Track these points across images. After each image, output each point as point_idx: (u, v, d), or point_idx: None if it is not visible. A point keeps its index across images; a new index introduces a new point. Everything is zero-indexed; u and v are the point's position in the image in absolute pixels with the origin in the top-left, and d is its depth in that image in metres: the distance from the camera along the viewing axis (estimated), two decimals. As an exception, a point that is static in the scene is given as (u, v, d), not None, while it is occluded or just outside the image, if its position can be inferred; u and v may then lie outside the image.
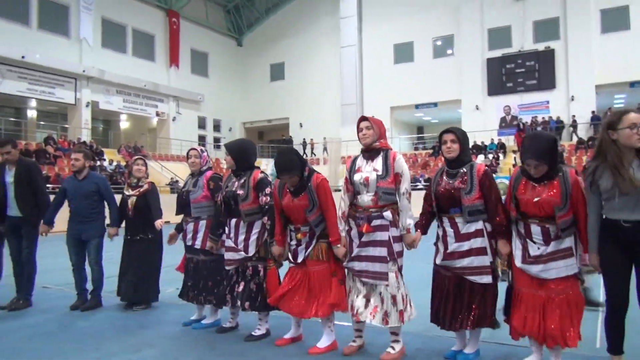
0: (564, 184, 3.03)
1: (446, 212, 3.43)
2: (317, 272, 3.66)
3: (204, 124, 30.58)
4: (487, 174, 3.35)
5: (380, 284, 3.43)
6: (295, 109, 30.45)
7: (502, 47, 25.03)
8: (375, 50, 28.13)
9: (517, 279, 3.21)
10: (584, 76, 22.94)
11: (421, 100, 27.13)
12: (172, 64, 28.08)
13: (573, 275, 3.09)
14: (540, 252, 3.08)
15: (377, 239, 3.45)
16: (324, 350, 3.63)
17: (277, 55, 31.49)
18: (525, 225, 3.16)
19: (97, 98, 24.04)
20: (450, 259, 3.36)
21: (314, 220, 3.64)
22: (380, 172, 3.47)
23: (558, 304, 3.05)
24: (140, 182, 5.13)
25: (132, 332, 4.33)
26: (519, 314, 3.15)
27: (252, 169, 4.08)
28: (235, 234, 4.01)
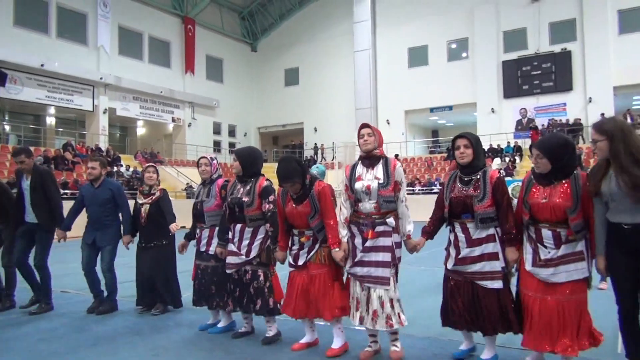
0: (575, 187, 3.05)
1: (458, 218, 3.45)
2: (319, 276, 3.74)
3: (219, 130, 30.81)
4: (500, 181, 3.36)
5: (380, 289, 3.48)
6: (310, 114, 30.51)
7: (517, 49, 24.79)
8: (389, 54, 28.09)
9: (524, 283, 3.23)
10: (602, 78, 22.61)
11: (436, 104, 26.98)
12: (188, 70, 28.36)
13: (583, 279, 3.09)
14: (551, 256, 3.09)
15: (381, 245, 3.51)
16: (340, 351, 3.71)
17: (291, 60, 31.63)
18: (536, 229, 3.17)
19: (114, 105, 24.37)
20: (462, 264, 3.39)
21: (316, 226, 3.74)
22: (381, 180, 3.53)
23: (567, 309, 3.05)
24: (153, 190, 5.19)
25: (147, 336, 4.38)
26: (531, 327, 3.12)
27: (257, 175, 4.16)
28: (239, 238, 4.10)
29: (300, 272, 3.82)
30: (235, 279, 4.16)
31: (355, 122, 28.33)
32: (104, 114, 23.87)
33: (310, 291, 3.74)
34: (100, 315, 5.06)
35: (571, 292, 3.07)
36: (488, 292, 3.31)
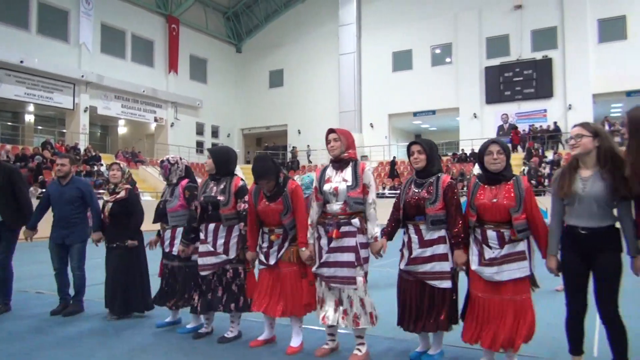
0: (518, 189, 3.24)
1: (412, 220, 3.58)
2: (288, 274, 3.85)
3: (202, 130, 30.61)
4: (451, 186, 3.51)
5: (348, 289, 3.55)
6: (294, 116, 30.48)
7: (500, 56, 25.11)
8: (374, 57, 28.21)
9: (473, 284, 3.38)
10: (581, 85, 23.01)
11: (419, 108, 27.17)
12: (171, 70, 28.14)
13: (525, 277, 3.24)
14: (494, 255, 3.25)
15: (345, 245, 3.58)
16: (299, 349, 3.82)
17: (276, 62, 31.58)
18: (482, 231, 3.34)
19: (95, 103, 24.07)
20: (414, 264, 3.51)
21: (288, 224, 3.85)
22: (349, 182, 3.60)
23: (511, 308, 3.20)
24: (117, 189, 5.03)
25: (109, 337, 4.31)
26: (474, 321, 3.30)
27: (231, 175, 4.22)
28: (213, 238, 4.11)
29: (271, 270, 3.91)
30: (209, 280, 4.15)
31: (339, 125, 28.37)
32: (84, 112, 23.55)
33: (280, 289, 3.86)
34: (67, 317, 4.96)
35: (514, 291, 3.22)
36: (437, 292, 3.45)
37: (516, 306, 3.20)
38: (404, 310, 3.56)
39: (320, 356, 3.68)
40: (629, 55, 22.05)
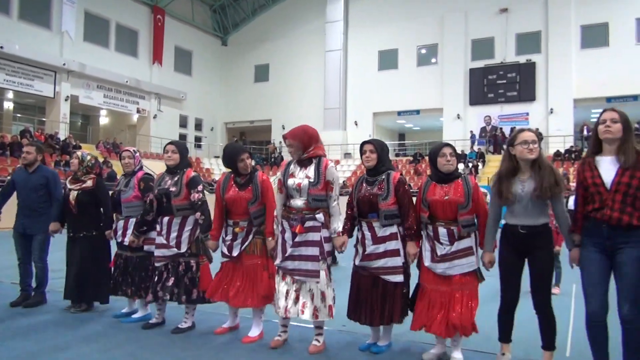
0: (466, 186, 3.52)
1: (365, 217, 3.75)
2: (250, 266, 4.01)
3: (186, 123, 30.31)
4: (402, 182, 3.70)
5: (311, 281, 3.69)
6: (278, 111, 30.33)
7: (484, 58, 25.32)
8: (360, 55, 28.23)
9: (424, 277, 3.64)
10: (563, 90, 23.35)
11: (404, 107, 27.25)
12: (155, 61, 27.78)
13: (473, 271, 3.53)
14: (446, 251, 3.51)
15: (310, 239, 3.71)
16: (256, 339, 3.99)
17: (262, 56, 31.39)
18: (433, 228, 3.59)
19: (76, 92, 23.64)
20: (368, 260, 3.68)
21: (255, 213, 4.00)
22: (312, 179, 3.72)
23: (459, 298, 3.47)
24: (83, 177, 4.94)
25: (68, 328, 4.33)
26: (424, 310, 3.54)
27: (185, 168, 4.35)
28: (167, 231, 4.24)
29: (233, 263, 4.06)
30: (163, 271, 4.27)
31: (324, 122, 28.43)
32: (65, 101, 23.13)
33: (242, 280, 4.01)
34: (27, 308, 4.90)
35: (462, 283, 3.50)
36: (389, 286, 3.64)
37: (464, 296, 3.48)
38: (356, 304, 3.73)
39: (274, 347, 3.82)
40: (610, 61, 22.44)
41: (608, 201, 2.91)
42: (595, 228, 3.00)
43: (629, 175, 2.89)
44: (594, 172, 3.01)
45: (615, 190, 2.91)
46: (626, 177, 2.89)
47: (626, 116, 3.02)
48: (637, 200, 2.88)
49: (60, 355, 3.66)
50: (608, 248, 2.95)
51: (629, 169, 2.89)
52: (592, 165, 3.04)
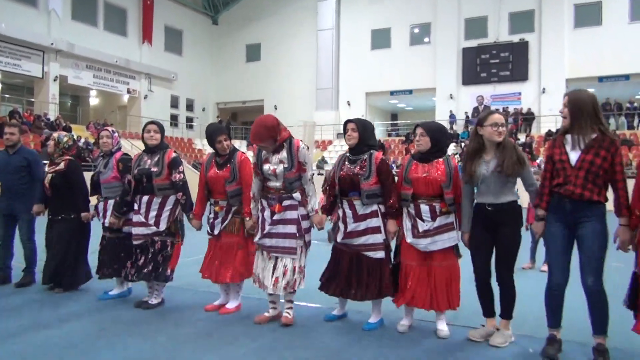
0: (448, 166, 3.61)
1: (346, 195, 3.84)
2: (227, 244, 4.18)
3: (177, 103, 30.04)
4: (384, 162, 3.78)
5: (288, 258, 3.80)
6: (271, 91, 30.14)
7: (478, 37, 25.20)
8: (352, 34, 27.97)
9: (405, 255, 3.71)
10: (556, 69, 23.34)
11: (396, 87, 27.16)
12: (145, 40, 27.38)
13: (453, 247, 3.65)
14: (428, 227, 3.60)
15: (287, 218, 3.82)
16: (232, 310, 4.17)
17: (253, 35, 31.01)
18: (415, 205, 3.67)
19: (65, 72, 23.31)
20: (349, 237, 3.79)
21: (232, 192, 4.12)
22: (286, 164, 3.79)
23: (441, 272, 3.61)
24: (57, 159, 4.90)
25: (51, 307, 4.37)
26: (407, 287, 3.64)
27: (165, 148, 4.43)
28: (146, 210, 4.31)
29: (216, 240, 4.24)
30: (141, 249, 4.35)
31: (316, 102, 28.29)
32: (54, 81, 22.80)
33: (223, 257, 4.17)
34: (18, 288, 4.92)
35: (443, 259, 3.62)
36: (372, 262, 3.74)
37: (444, 271, 3.61)
38: (334, 278, 3.86)
39: (257, 322, 3.91)
40: (602, 41, 22.42)
41: (571, 177, 3.08)
42: (559, 203, 3.16)
43: (593, 154, 3.04)
44: (561, 150, 3.17)
45: (579, 168, 3.06)
46: (590, 156, 3.04)
47: (574, 99, 3.15)
48: (598, 178, 3.04)
49: (42, 333, 3.67)
50: (571, 222, 3.13)
51: (592, 147, 3.04)
52: (561, 143, 3.20)
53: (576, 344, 3.40)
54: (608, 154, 3.04)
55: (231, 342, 3.50)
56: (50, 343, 3.44)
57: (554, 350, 3.18)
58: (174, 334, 3.67)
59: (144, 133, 4.39)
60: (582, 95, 3.17)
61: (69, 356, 3.23)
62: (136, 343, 3.46)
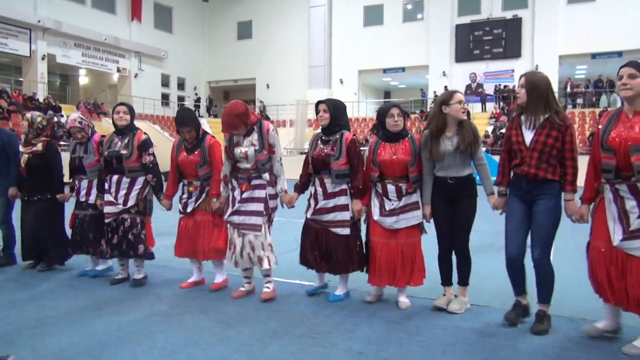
0: (413, 145, 3.76)
1: (318, 174, 4.00)
2: (202, 222, 4.28)
3: (168, 82, 29.72)
4: (354, 142, 3.89)
5: (251, 234, 3.95)
6: (263, 70, 29.86)
7: (471, 14, 24.98)
8: (344, 11, 27.63)
9: (373, 232, 3.87)
10: (549, 46, 23.23)
11: (389, 65, 27.00)
12: (134, 18, 26.92)
13: (417, 225, 3.82)
14: (394, 206, 3.77)
15: (256, 196, 3.98)
16: (221, 285, 4.34)
17: (244, 13, 30.57)
18: (382, 185, 3.82)
19: (53, 51, 22.94)
20: (319, 214, 3.95)
21: (203, 175, 4.24)
22: (257, 146, 3.93)
23: (405, 249, 3.77)
24: (34, 140, 4.88)
25: (27, 286, 4.43)
26: (377, 265, 3.81)
27: (135, 130, 4.50)
28: (116, 189, 4.43)
29: (188, 219, 4.34)
30: (113, 227, 4.45)
31: (309, 80, 28.07)
32: (42, 60, 22.44)
33: (197, 235, 4.27)
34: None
35: (407, 236, 3.79)
36: (339, 238, 3.90)
37: (408, 248, 3.77)
38: (306, 252, 4.04)
39: (236, 297, 4.08)
40: (596, 17, 22.29)
41: (527, 158, 3.24)
42: (517, 182, 3.36)
43: (545, 135, 3.20)
44: (518, 131, 3.32)
45: (532, 149, 3.22)
46: (543, 137, 3.20)
47: (532, 80, 3.25)
48: (551, 157, 3.20)
49: (15, 312, 3.71)
50: (528, 200, 3.31)
51: (545, 128, 3.20)
52: (517, 124, 3.34)
53: (566, 319, 3.48)
54: (560, 134, 3.19)
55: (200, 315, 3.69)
56: (22, 323, 3.47)
57: (517, 315, 3.41)
58: (150, 310, 3.77)
59: (114, 114, 4.47)
60: (537, 77, 3.31)
61: (37, 335, 3.26)
62: (108, 321, 3.52)
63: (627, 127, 2.89)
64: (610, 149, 2.92)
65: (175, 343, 3.14)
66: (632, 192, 2.87)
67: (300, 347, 3.07)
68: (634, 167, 2.81)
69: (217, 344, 3.13)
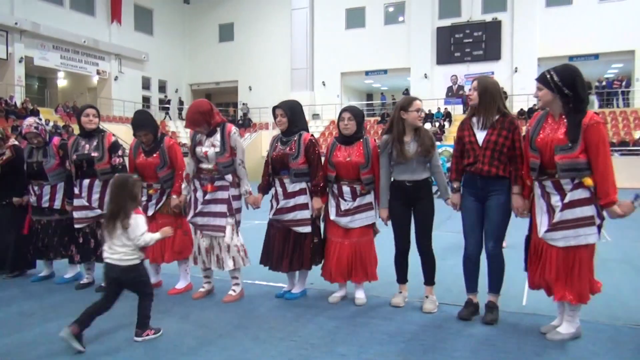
0: (366, 148, 3.88)
1: (278, 174, 4.08)
2: (164, 224, 4.09)
3: (149, 85, 29.46)
4: (312, 142, 4.00)
5: (218, 236, 4.00)
6: (245, 72, 29.76)
7: (451, 17, 25.24)
8: (326, 14, 27.69)
9: (329, 231, 4.04)
10: (527, 48, 23.59)
11: (371, 67, 27.12)
12: (114, 20, 26.65)
13: (371, 224, 3.97)
14: (348, 207, 3.92)
15: (219, 197, 4.01)
16: (181, 290, 4.31)
17: (226, 15, 30.44)
18: (338, 186, 3.97)
19: (31, 53, 22.59)
20: (280, 213, 4.03)
21: (164, 177, 4.24)
22: (218, 148, 3.96)
23: (360, 248, 3.91)
24: (0, 150, 4.82)
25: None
26: (332, 262, 3.95)
27: (103, 132, 4.47)
28: (88, 193, 4.38)
29: (148, 222, 4.16)
30: (86, 232, 4.43)
31: (291, 82, 28.07)
32: (19, 62, 22.10)
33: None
34: None
35: (361, 235, 3.94)
36: (299, 236, 4.01)
37: (362, 247, 3.92)
38: (268, 252, 4.10)
39: (196, 298, 4.12)
40: (573, 20, 22.72)
41: (480, 157, 3.44)
42: (471, 180, 3.53)
43: (496, 134, 3.40)
44: (470, 132, 3.51)
45: (485, 147, 3.43)
46: (494, 136, 3.41)
47: (484, 84, 3.48)
48: (502, 155, 3.41)
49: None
50: (482, 196, 3.51)
51: (496, 128, 3.40)
52: (469, 125, 3.53)
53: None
54: (509, 133, 3.41)
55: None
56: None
57: (469, 313, 3.58)
58: (130, 316, 3.63)
59: (83, 117, 4.41)
60: (488, 81, 3.55)
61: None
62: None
63: (553, 129, 3.14)
64: (537, 149, 3.16)
65: (156, 348, 3.11)
66: (556, 188, 3.11)
67: (282, 351, 3.07)
68: (557, 166, 3.06)
69: (198, 348, 3.11)
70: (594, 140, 2.99)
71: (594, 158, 2.99)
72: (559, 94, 3.07)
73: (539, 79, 3.20)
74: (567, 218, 3.05)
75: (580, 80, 3.06)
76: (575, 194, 3.04)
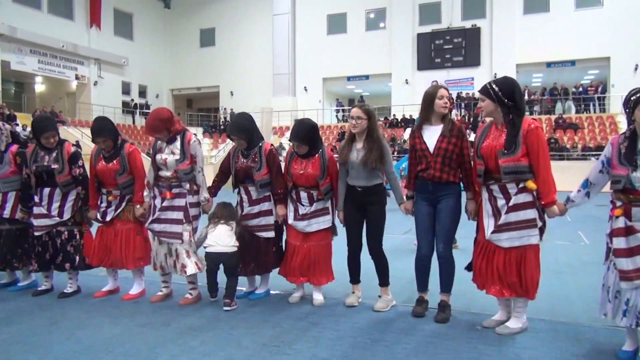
0: (322, 160, 4.02)
1: (242, 183, 4.21)
2: (124, 231, 4.29)
3: (129, 90, 29.14)
4: (272, 153, 4.16)
5: (175, 242, 4.05)
6: (226, 77, 29.65)
7: (432, 23, 25.55)
8: (308, 19, 27.80)
9: (289, 234, 4.19)
10: (506, 55, 23.96)
11: (353, 73, 27.29)
12: (93, 24, 26.35)
13: (327, 228, 4.11)
14: (306, 211, 4.07)
15: (176, 205, 4.07)
16: (135, 296, 4.31)
17: (207, 20, 30.35)
18: (296, 192, 4.13)
19: (7, 57, 22.21)
20: (245, 219, 4.16)
21: (123, 183, 4.24)
22: (177, 156, 4.02)
23: (316, 252, 4.05)
24: None
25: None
26: (290, 262, 4.11)
27: (62, 142, 4.40)
28: (48, 202, 4.33)
29: (107, 228, 4.31)
30: (44, 241, 4.37)
31: (273, 88, 28.04)
32: (-5, 67, 21.69)
33: (115, 244, 4.26)
34: None
35: (319, 239, 4.08)
36: (263, 241, 4.16)
37: (320, 250, 4.06)
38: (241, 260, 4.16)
39: (154, 302, 4.17)
40: (550, 27, 23.15)
41: (432, 163, 3.62)
42: (423, 185, 3.71)
43: (447, 142, 3.60)
44: (420, 140, 3.70)
45: (436, 155, 3.62)
46: (444, 143, 3.61)
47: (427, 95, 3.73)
48: (452, 162, 3.62)
49: None
50: (433, 201, 3.69)
51: (446, 136, 3.61)
52: (420, 134, 3.72)
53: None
54: (458, 141, 3.62)
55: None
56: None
57: (421, 309, 3.76)
58: (109, 324, 3.65)
59: (42, 139, 4.29)
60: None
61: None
62: (64, 336, 3.41)
63: (496, 137, 3.35)
64: (481, 156, 3.37)
65: (137, 356, 3.06)
66: (502, 191, 3.30)
67: (265, 356, 3.05)
68: (501, 169, 3.25)
69: (180, 355, 3.07)
70: (534, 143, 3.20)
71: (535, 161, 3.20)
72: (500, 104, 3.26)
73: (481, 91, 3.38)
74: (512, 220, 3.25)
75: (518, 90, 3.28)
76: (520, 197, 3.25)
